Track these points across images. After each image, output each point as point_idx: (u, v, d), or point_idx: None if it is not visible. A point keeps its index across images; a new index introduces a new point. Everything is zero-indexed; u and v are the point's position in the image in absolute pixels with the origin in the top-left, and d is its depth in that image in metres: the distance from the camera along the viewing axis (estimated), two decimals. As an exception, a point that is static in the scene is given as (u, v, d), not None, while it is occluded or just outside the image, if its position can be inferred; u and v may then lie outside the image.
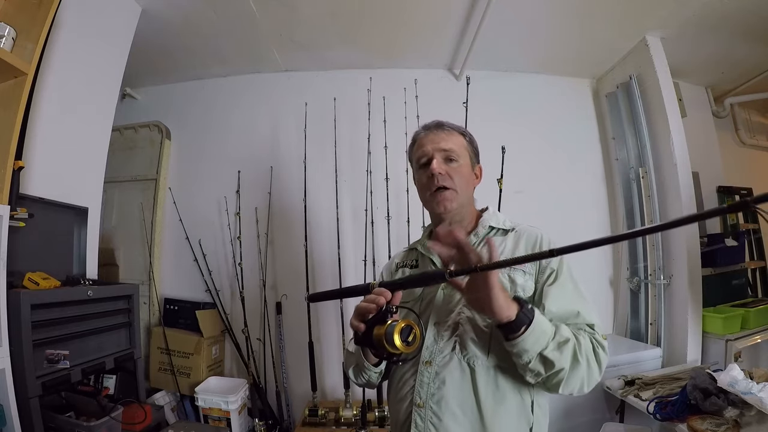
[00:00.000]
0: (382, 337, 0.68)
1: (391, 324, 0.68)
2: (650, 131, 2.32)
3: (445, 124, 0.96)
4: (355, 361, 0.91)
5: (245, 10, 2.04)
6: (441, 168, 0.89)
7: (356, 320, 0.73)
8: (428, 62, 2.60)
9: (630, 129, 2.45)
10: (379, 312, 0.71)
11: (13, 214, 1.27)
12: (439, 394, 0.80)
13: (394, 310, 0.71)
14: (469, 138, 0.97)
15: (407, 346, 0.68)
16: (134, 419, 1.53)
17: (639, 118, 2.35)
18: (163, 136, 2.65)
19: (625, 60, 2.49)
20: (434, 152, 0.91)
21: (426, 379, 0.82)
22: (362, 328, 0.72)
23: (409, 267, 1.00)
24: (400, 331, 0.67)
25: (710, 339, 2.08)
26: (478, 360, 0.80)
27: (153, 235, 2.53)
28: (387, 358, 0.71)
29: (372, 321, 0.71)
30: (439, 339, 0.83)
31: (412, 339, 0.69)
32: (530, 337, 0.70)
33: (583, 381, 0.75)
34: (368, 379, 0.91)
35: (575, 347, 0.74)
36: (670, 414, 1.54)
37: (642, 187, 2.32)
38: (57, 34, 1.54)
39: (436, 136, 0.93)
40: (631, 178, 2.43)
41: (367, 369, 0.88)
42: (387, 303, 0.72)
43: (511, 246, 0.90)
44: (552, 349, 0.71)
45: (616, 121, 2.55)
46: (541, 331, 0.71)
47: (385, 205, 2.22)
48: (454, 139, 0.93)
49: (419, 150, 0.95)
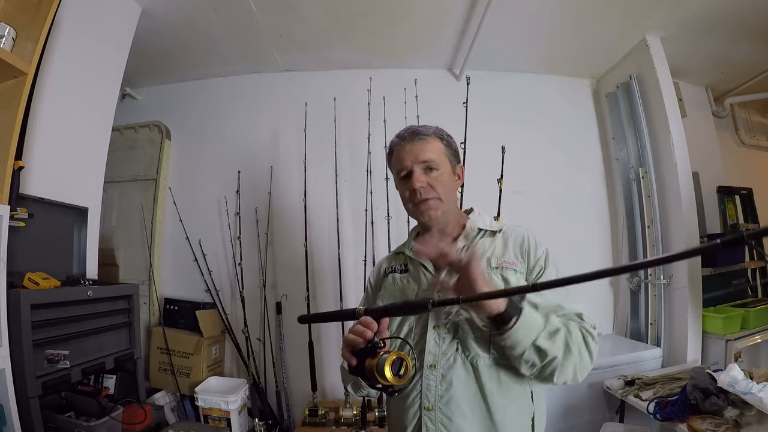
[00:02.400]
0: (374, 370, 0.68)
1: (382, 357, 0.68)
2: (650, 131, 2.32)
3: (420, 131, 0.94)
4: (352, 380, 0.92)
5: (245, 10, 2.04)
6: (422, 182, 0.89)
7: (347, 352, 0.73)
8: (428, 62, 2.60)
9: (630, 129, 2.45)
10: (368, 344, 0.70)
11: (13, 214, 1.27)
12: (447, 396, 0.82)
13: (382, 344, 0.70)
14: (447, 140, 0.96)
15: (399, 379, 0.68)
16: (134, 419, 1.53)
17: (639, 118, 2.35)
18: (163, 136, 2.65)
19: (625, 60, 2.49)
20: (413, 165, 0.91)
21: (432, 382, 0.83)
22: (354, 362, 0.72)
23: (399, 272, 0.99)
24: (391, 365, 0.67)
25: (710, 339, 2.07)
26: (481, 359, 0.82)
27: (153, 235, 2.53)
28: (381, 389, 0.71)
29: (362, 353, 0.71)
30: (441, 342, 0.84)
31: (403, 372, 0.68)
32: (521, 328, 0.72)
33: (576, 369, 0.77)
34: (368, 393, 0.94)
35: (566, 336, 0.76)
36: (670, 414, 1.54)
37: (642, 187, 2.32)
38: (57, 34, 1.54)
39: (414, 147, 0.92)
40: (631, 178, 2.43)
41: (364, 387, 0.90)
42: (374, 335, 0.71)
43: (500, 248, 0.91)
44: (544, 338, 0.74)
45: (616, 121, 2.55)
46: (531, 321, 0.73)
47: (385, 205, 2.22)
48: (432, 147, 0.92)
49: (398, 163, 0.94)
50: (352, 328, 0.74)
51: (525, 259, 0.89)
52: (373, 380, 0.69)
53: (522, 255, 0.90)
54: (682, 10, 2.07)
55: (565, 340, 0.76)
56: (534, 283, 0.56)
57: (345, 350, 0.74)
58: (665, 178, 2.23)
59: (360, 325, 0.72)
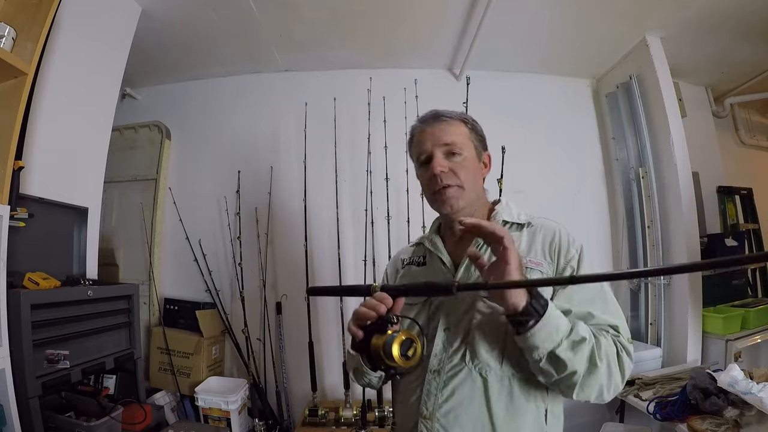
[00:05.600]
0: (380, 348, 0.64)
1: (391, 335, 0.64)
2: (650, 131, 2.32)
3: (442, 114, 0.87)
4: (355, 364, 0.85)
5: (245, 10, 2.04)
6: (443, 166, 0.81)
7: (354, 325, 0.69)
8: (428, 62, 2.60)
9: (630, 129, 2.45)
10: (379, 320, 0.66)
11: (13, 214, 1.27)
12: (447, 406, 0.74)
13: (395, 320, 0.66)
14: (471, 125, 0.89)
15: (405, 361, 0.63)
16: (134, 419, 1.53)
17: (639, 118, 2.35)
18: (163, 136, 2.65)
19: (625, 60, 2.49)
20: (434, 148, 0.83)
21: (433, 389, 0.76)
22: (360, 336, 0.67)
23: (416, 264, 0.92)
24: (400, 344, 0.62)
25: (710, 339, 2.07)
26: (491, 370, 0.74)
27: (153, 235, 2.53)
28: (383, 370, 0.66)
29: (371, 328, 0.67)
30: (449, 346, 0.77)
31: (411, 354, 0.64)
32: (541, 331, 0.63)
33: (602, 387, 0.68)
34: (369, 381, 0.88)
35: (593, 349, 0.67)
36: (670, 414, 1.54)
37: (642, 187, 2.32)
38: (57, 34, 1.54)
39: (435, 130, 0.85)
40: (631, 178, 2.43)
41: (366, 374, 0.84)
42: (388, 311, 0.67)
43: (526, 244, 0.82)
44: (565, 348, 0.65)
45: (616, 121, 2.55)
46: (554, 326, 0.64)
47: (385, 205, 2.22)
48: (455, 130, 0.85)
49: (418, 147, 0.88)
50: (364, 301, 0.69)
51: (554, 259, 0.79)
52: (376, 360, 0.64)
53: (551, 254, 0.80)
54: (682, 10, 2.07)
55: (590, 354, 0.66)
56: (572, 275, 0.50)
57: (352, 323, 0.69)
58: (665, 178, 2.23)
59: (374, 299, 0.67)
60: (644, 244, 2.32)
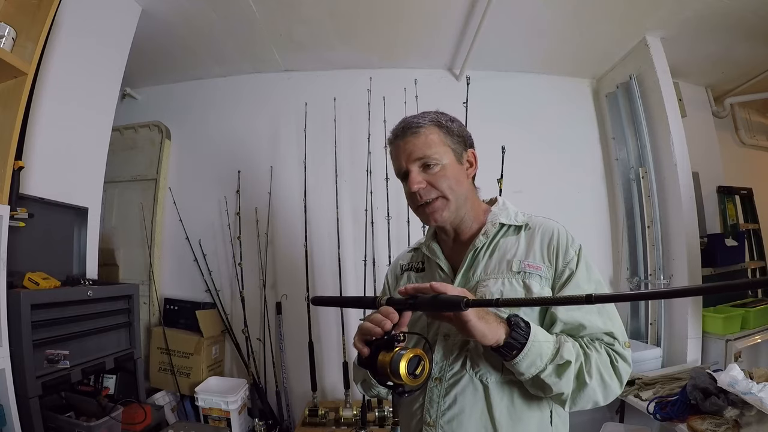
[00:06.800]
0: (387, 366, 0.62)
1: (398, 353, 0.62)
2: (650, 131, 2.32)
3: (412, 124, 0.82)
4: (363, 377, 0.84)
5: (245, 10, 2.04)
6: (420, 182, 0.79)
7: (360, 342, 0.67)
8: (428, 62, 2.60)
9: (630, 129, 2.45)
10: (385, 336, 0.64)
11: (13, 214, 1.27)
12: (450, 414, 0.74)
13: (401, 338, 0.64)
14: (446, 127, 0.82)
15: (413, 379, 0.61)
16: (134, 419, 1.53)
17: (639, 118, 2.35)
18: (163, 136, 2.65)
19: (625, 60, 2.49)
20: (408, 164, 0.80)
21: (435, 396, 0.76)
22: (366, 353, 0.65)
23: (415, 271, 0.92)
24: (408, 362, 0.61)
25: (710, 339, 2.07)
26: (492, 376, 0.73)
27: (153, 235, 2.53)
28: (390, 387, 0.64)
29: (376, 345, 0.65)
30: (449, 354, 0.77)
31: (419, 372, 0.62)
32: (524, 360, 0.65)
33: (596, 399, 0.70)
34: (378, 393, 0.87)
35: (581, 368, 0.68)
36: (670, 414, 1.54)
37: (642, 187, 2.32)
38: (57, 34, 1.54)
39: (407, 144, 0.81)
40: (631, 178, 2.43)
41: (375, 386, 0.82)
42: (393, 326, 0.65)
43: (524, 247, 0.80)
44: (550, 372, 0.66)
45: (616, 121, 2.55)
46: (536, 353, 0.66)
47: (385, 205, 2.22)
48: (426, 140, 0.80)
49: (394, 162, 0.85)
50: (370, 315, 0.68)
51: (552, 262, 0.77)
52: (383, 377, 0.63)
53: (549, 257, 0.78)
54: (682, 10, 2.07)
55: (578, 374, 0.67)
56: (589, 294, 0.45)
57: (358, 339, 0.67)
58: (665, 178, 2.23)
59: (380, 314, 0.65)
60: (644, 244, 2.32)
